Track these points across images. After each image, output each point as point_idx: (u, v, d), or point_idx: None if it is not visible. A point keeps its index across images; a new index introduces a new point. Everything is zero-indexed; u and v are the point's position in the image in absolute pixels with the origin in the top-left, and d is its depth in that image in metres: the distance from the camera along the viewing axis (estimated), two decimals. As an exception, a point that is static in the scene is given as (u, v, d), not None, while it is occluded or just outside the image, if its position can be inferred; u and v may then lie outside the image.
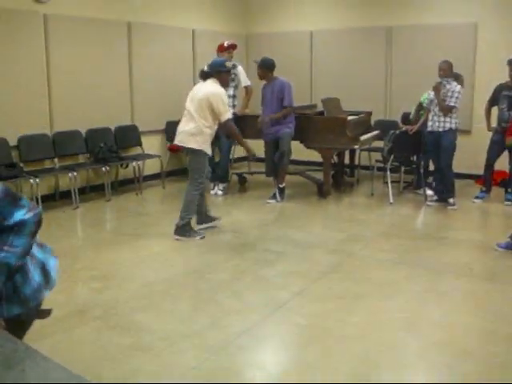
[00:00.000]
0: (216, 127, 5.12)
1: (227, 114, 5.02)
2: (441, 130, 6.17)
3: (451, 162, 6.26)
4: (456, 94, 6.07)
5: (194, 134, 4.96)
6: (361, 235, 5.23)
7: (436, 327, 3.34)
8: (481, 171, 6.79)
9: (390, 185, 6.47)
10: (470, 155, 7.34)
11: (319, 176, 6.90)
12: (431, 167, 6.67)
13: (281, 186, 6.53)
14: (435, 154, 6.32)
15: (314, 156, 6.93)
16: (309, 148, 6.78)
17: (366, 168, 7.63)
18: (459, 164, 6.69)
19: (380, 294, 3.82)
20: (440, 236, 5.29)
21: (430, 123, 6.26)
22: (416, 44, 8.00)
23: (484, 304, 3.74)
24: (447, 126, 6.16)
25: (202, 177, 5.12)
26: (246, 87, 7.16)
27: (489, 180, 6.69)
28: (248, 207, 6.36)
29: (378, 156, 7.15)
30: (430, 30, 7.89)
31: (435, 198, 6.44)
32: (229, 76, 5.38)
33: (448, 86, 6.11)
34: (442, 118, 6.16)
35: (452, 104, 6.07)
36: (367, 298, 3.76)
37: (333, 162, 7.10)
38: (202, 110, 4.93)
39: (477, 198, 6.62)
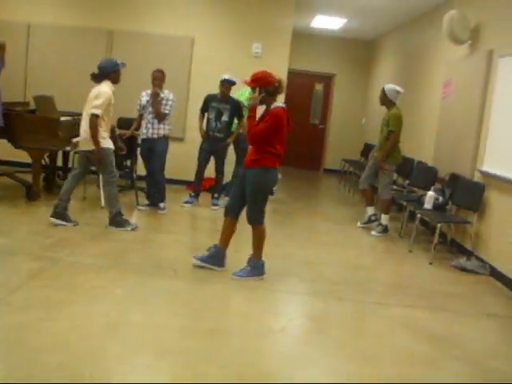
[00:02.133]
0: None
1: None
2: (155, 136, 6.38)
3: (163, 168, 6.52)
4: (170, 102, 6.35)
5: None
6: (68, 240, 5.06)
7: (138, 329, 3.41)
8: (192, 177, 7.21)
9: (102, 188, 6.40)
10: (182, 162, 7.76)
11: (29, 178, 6.50)
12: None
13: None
14: (148, 159, 6.51)
15: (24, 157, 6.50)
16: (18, 148, 6.34)
17: (81, 171, 7.44)
18: (172, 170, 7.00)
19: (85, 300, 3.75)
20: (148, 239, 5.45)
21: (144, 130, 6.41)
22: (136, 50, 8.13)
23: (185, 303, 3.96)
24: (161, 132, 6.41)
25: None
26: None
27: (198, 186, 7.14)
28: None
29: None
30: (151, 39, 8.14)
31: (146, 202, 6.63)
32: None
33: (162, 95, 6.35)
34: (155, 125, 6.37)
35: (166, 111, 6.33)
36: (72, 304, 3.64)
37: (44, 163, 6.77)
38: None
39: (186, 202, 7.01)
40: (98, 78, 5.54)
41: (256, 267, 4.59)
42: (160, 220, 6.30)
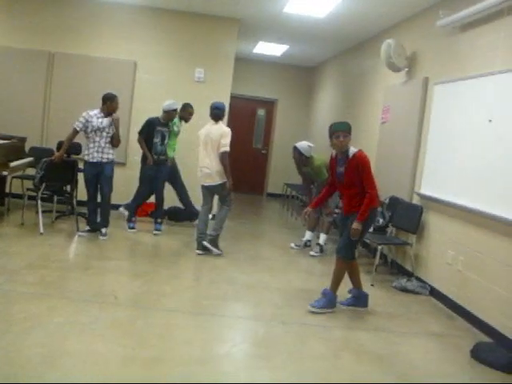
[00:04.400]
0: None
1: None
2: (104, 160, 6.27)
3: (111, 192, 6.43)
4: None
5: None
6: (5, 267, 4.86)
7: (75, 359, 3.29)
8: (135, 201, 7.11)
9: (40, 214, 6.22)
10: (124, 187, 7.63)
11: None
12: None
13: None
14: (94, 184, 6.36)
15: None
16: (-50, 172, 6.10)
17: (19, 196, 7.22)
18: (115, 195, 6.86)
19: (19, 330, 3.59)
20: (89, 266, 5.30)
21: (95, 154, 6.26)
22: (77, 73, 8.04)
23: (126, 331, 3.85)
24: (110, 157, 6.31)
25: None
26: None
27: (136, 210, 7.09)
28: None
29: (31, 184, 6.84)
30: (93, 62, 8.05)
31: (87, 228, 6.46)
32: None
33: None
34: (106, 150, 6.27)
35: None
36: (6, 334, 3.49)
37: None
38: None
39: (131, 228, 6.92)
40: (218, 118, 6.20)
41: (330, 300, 4.69)
42: (101, 246, 6.15)
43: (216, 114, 6.18)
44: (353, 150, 4.65)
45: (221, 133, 6.07)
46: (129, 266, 5.59)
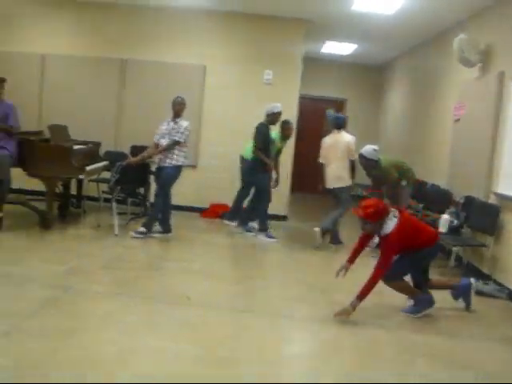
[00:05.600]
0: None
1: None
2: (165, 164, 6.39)
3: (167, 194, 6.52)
4: (181, 130, 6.36)
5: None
6: (81, 268, 5.06)
7: (148, 357, 3.36)
8: (203, 204, 7.20)
9: (115, 216, 6.44)
10: (195, 189, 7.77)
11: (43, 206, 6.53)
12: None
13: (-2, 215, 6.04)
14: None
15: (38, 185, 6.55)
16: (31, 176, 6.40)
17: (95, 199, 7.49)
18: (184, 197, 6.99)
19: (95, 327, 3.73)
20: (160, 266, 5.43)
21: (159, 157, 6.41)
22: (149, 79, 8.27)
23: (198, 330, 3.90)
24: (170, 161, 6.40)
25: None
26: None
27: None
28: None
29: (106, 187, 7.07)
30: (164, 68, 8.26)
31: (159, 229, 6.59)
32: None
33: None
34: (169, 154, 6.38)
35: (176, 138, 6.34)
36: (84, 332, 3.62)
37: (58, 191, 6.82)
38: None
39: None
40: (339, 127, 6.94)
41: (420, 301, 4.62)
42: (174, 247, 6.27)
43: (336, 123, 6.95)
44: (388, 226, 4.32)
45: (348, 141, 6.79)
46: (201, 266, 5.66)
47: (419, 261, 4.56)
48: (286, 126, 7.22)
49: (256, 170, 6.92)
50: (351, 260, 4.66)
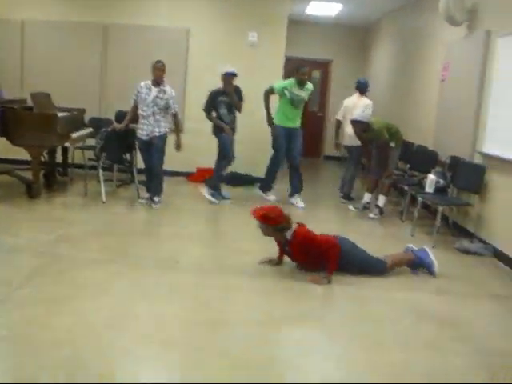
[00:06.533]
0: None
1: None
2: (156, 134, 6.33)
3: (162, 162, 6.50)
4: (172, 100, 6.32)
5: None
6: (70, 236, 5.06)
7: (141, 321, 3.41)
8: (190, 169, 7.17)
9: (102, 183, 6.41)
10: (181, 153, 7.70)
11: (29, 175, 6.48)
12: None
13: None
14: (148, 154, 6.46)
15: (23, 154, 6.48)
16: (16, 145, 6.32)
17: (81, 167, 7.44)
18: (170, 162, 6.93)
19: (87, 294, 3.75)
20: (149, 232, 5.44)
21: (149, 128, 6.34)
22: (131, 43, 8.13)
23: (188, 294, 3.94)
24: (162, 130, 6.36)
25: None
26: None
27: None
28: None
29: (92, 154, 7.02)
30: (147, 32, 8.12)
31: (147, 195, 6.57)
32: None
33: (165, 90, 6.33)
34: (160, 123, 6.34)
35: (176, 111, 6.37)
36: (74, 299, 3.64)
37: (43, 160, 6.76)
38: None
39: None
40: (363, 91, 7.51)
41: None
42: (162, 213, 6.27)
43: (358, 87, 7.48)
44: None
45: (366, 104, 7.19)
46: (190, 232, 5.68)
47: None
48: (298, 71, 6.93)
49: (218, 134, 6.92)
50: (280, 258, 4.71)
